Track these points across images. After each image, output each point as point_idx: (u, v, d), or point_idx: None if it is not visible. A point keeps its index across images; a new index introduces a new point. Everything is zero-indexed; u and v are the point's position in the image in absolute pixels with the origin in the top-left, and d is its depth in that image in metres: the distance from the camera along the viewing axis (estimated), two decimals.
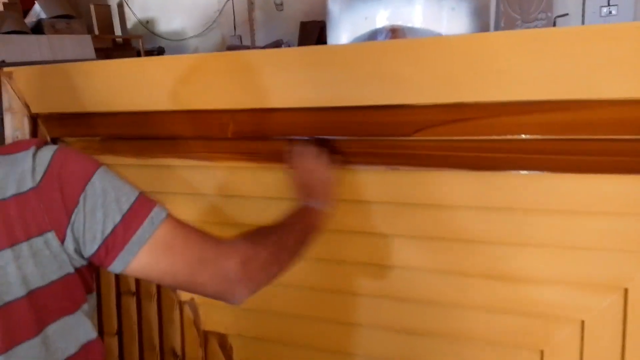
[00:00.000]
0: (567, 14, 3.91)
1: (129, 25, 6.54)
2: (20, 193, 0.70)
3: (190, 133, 1.18)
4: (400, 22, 1.02)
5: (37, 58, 3.69)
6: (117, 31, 6.18)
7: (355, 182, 1.07)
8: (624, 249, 0.91)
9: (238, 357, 1.33)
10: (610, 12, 4.01)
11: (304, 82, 1.03)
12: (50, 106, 1.28)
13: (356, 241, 1.13)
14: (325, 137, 1.04)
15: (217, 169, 1.20)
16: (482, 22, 1.07)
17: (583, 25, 3.53)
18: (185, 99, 1.13)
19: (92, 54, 4.29)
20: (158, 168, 1.25)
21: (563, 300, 0.98)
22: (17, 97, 1.28)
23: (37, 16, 4.21)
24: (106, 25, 5.85)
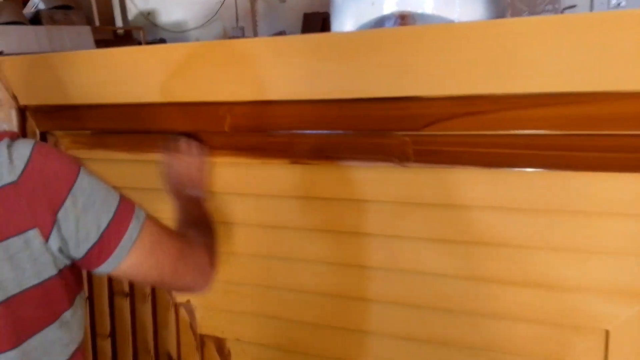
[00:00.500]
0: (575, 6, 3.81)
1: (130, 16, 6.49)
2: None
3: (185, 127, 1.12)
4: (409, 8, 0.96)
5: (35, 49, 3.63)
6: (118, 22, 6.12)
7: (361, 180, 1.00)
8: None
9: None
10: (619, 3, 3.92)
11: (306, 72, 0.96)
12: (39, 98, 1.21)
13: (360, 243, 1.06)
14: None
15: (213, 164, 1.13)
16: (498, 9, 1.00)
17: None
18: (179, 90, 1.07)
19: (91, 46, 4.23)
20: (151, 164, 1.18)
21: (586, 308, 0.92)
22: (5, 87, 1.22)
23: (36, 7, 4.15)
24: (107, 17, 5.80)
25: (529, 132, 0.85)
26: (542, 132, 0.84)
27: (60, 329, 0.74)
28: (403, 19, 0.97)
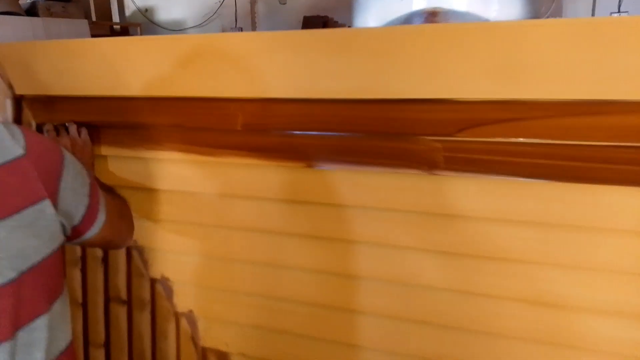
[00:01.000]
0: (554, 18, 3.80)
1: (127, 12, 6.40)
2: (12, 159, 0.67)
3: (193, 123, 1.04)
4: (441, 4, 0.89)
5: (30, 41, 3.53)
6: (115, 18, 6.03)
7: (385, 187, 0.93)
8: None
9: None
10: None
11: (327, 69, 0.90)
12: (37, 87, 1.13)
13: (375, 255, 0.99)
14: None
15: (221, 165, 1.06)
16: (534, 8, 0.94)
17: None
18: (188, 84, 1.00)
19: None
20: (153, 161, 1.11)
21: (615, 333, 0.86)
22: (0, 76, 1.14)
23: None
24: (104, 12, 5.70)
25: (575, 142, 0.79)
26: (589, 142, 0.78)
27: (50, 324, 0.73)
28: (434, 15, 0.90)
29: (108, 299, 1.23)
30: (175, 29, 6.32)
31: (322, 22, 5.51)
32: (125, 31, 5.96)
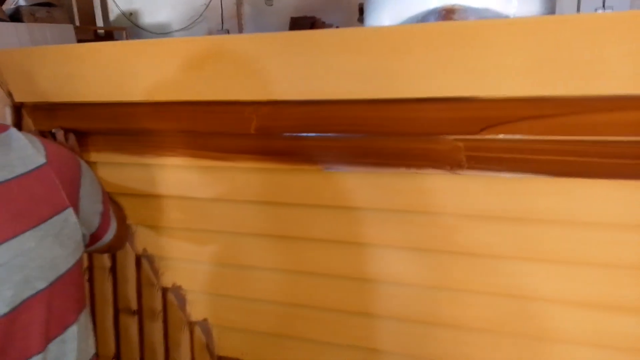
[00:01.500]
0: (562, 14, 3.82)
1: (111, 17, 6.32)
2: (36, 168, 0.66)
3: (204, 128, 1.02)
4: (460, 1, 0.87)
5: (16, 47, 3.45)
6: (99, 22, 5.94)
7: (408, 188, 0.91)
8: None
9: None
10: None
11: (343, 69, 0.87)
12: (37, 94, 1.10)
13: (395, 258, 0.97)
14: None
15: (233, 169, 1.03)
16: (552, 4, 0.93)
17: None
18: (199, 88, 0.97)
19: None
20: (163, 168, 1.08)
21: (602, 327, 0.86)
22: None
23: (16, 3, 3.96)
24: (88, 17, 5.62)
25: (602, 138, 0.78)
26: (617, 138, 0.77)
27: (79, 334, 0.73)
28: (451, 13, 0.89)
29: (117, 309, 1.20)
30: (161, 33, 6.25)
31: (309, 22, 5.48)
32: (110, 36, 5.88)
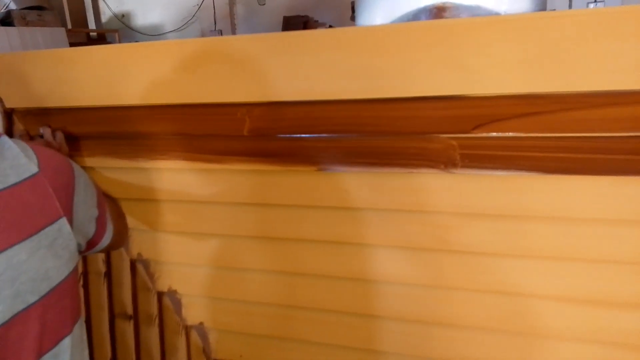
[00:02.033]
0: (553, 10, 3.83)
1: (103, 19, 6.29)
2: (28, 177, 0.64)
3: (197, 130, 1.01)
4: None
5: (7, 51, 3.43)
6: (92, 25, 5.91)
7: (400, 188, 0.91)
8: None
9: None
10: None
11: (336, 69, 0.87)
12: (28, 99, 1.09)
13: (391, 257, 0.97)
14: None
15: (228, 172, 1.03)
16: (543, 1, 0.93)
17: None
18: (192, 90, 0.96)
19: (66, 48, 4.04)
20: (156, 172, 1.07)
21: (599, 322, 0.87)
22: None
23: (6, 7, 3.94)
24: (79, 19, 5.58)
25: (595, 134, 0.78)
26: (609, 134, 0.77)
27: (82, 327, 0.74)
28: (443, 11, 0.89)
29: (113, 315, 1.19)
30: (154, 34, 6.23)
31: (302, 22, 5.47)
32: (102, 38, 5.85)
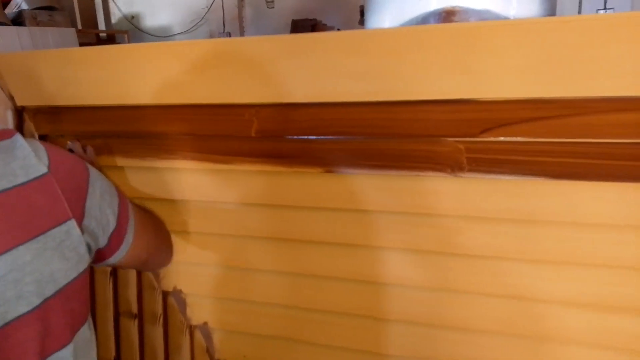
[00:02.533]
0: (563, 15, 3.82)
1: (113, 20, 6.34)
2: (37, 177, 0.64)
3: (206, 131, 1.02)
4: (460, 3, 0.87)
5: (18, 50, 3.46)
6: (101, 26, 5.96)
7: (407, 191, 0.91)
8: None
9: None
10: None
11: (344, 72, 0.87)
12: (39, 98, 1.10)
13: (399, 260, 0.97)
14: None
15: (236, 172, 1.03)
16: (552, 6, 0.93)
17: None
18: (201, 91, 0.97)
19: None
20: (164, 171, 1.08)
21: (603, 326, 0.86)
22: (0, 87, 1.10)
23: (18, 7, 3.97)
24: (90, 20, 5.64)
25: (604, 140, 0.77)
26: (619, 140, 0.77)
27: (90, 330, 0.73)
28: (453, 15, 0.89)
29: (118, 313, 1.20)
30: (163, 36, 6.27)
31: (310, 25, 5.49)
32: (112, 39, 5.90)
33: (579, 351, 0.91)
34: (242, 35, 5.92)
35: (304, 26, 5.56)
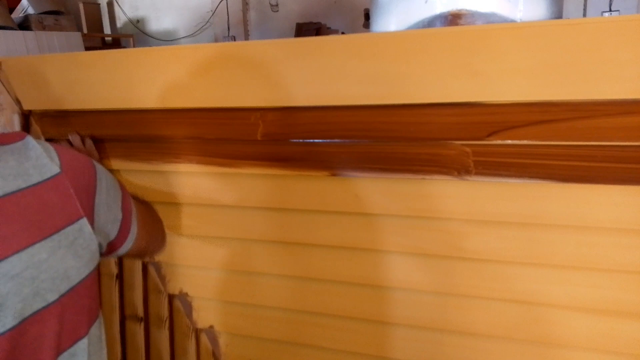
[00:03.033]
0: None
1: (118, 24, 6.37)
2: (51, 177, 0.65)
3: (212, 134, 1.02)
4: (466, 6, 0.87)
5: (24, 54, 3.48)
6: (107, 30, 5.99)
7: (416, 194, 0.91)
8: None
9: None
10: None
11: (350, 75, 0.87)
12: (45, 102, 1.10)
13: (404, 264, 0.96)
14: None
15: (241, 176, 1.03)
16: (559, 8, 0.93)
17: None
18: (206, 95, 0.97)
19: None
20: (170, 174, 1.08)
21: (607, 331, 0.85)
22: (7, 91, 1.11)
23: (25, 11, 4.00)
24: (95, 24, 5.66)
25: (610, 143, 0.77)
26: (626, 143, 0.76)
27: (101, 326, 0.75)
28: (459, 18, 0.89)
29: (124, 316, 1.20)
30: (168, 40, 6.29)
31: (314, 28, 5.50)
32: (117, 43, 5.93)
33: (585, 356, 0.90)
34: (246, 39, 5.93)
35: (308, 30, 5.57)
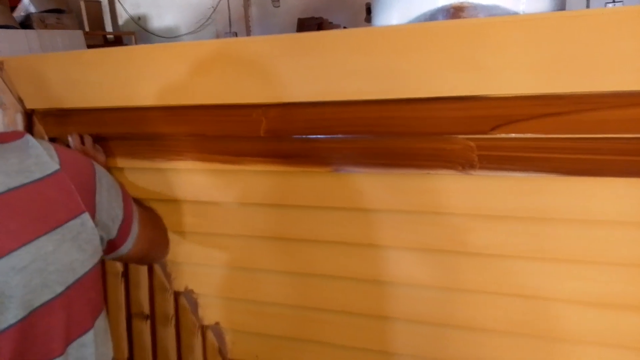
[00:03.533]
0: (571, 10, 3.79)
1: (120, 21, 6.38)
2: (51, 173, 0.67)
3: (214, 132, 1.01)
4: None
5: (26, 53, 3.49)
6: (109, 28, 5.99)
7: (419, 189, 0.90)
8: None
9: None
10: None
11: (352, 70, 0.87)
12: (48, 101, 1.10)
13: (407, 259, 0.96)
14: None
15: (243, 173, 1.03)
16: (560, 0, 0.92)
17: None
18: (208, 92, 0.97)
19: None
20: (173, 172, 1.08)
21: (610, 325, 0.85)
22: (9, 90, 1.11)
23: (26, 10, 4.00)
24: (97, 22, 5.66)
25: (615, 135, 0.76)
26: (631, 135, 0.76)
27: (106, 319, 0.76)
28: (461, 11, 0.88)
29: (130, 314, 1.20)
30: (170, 37, 6.29)
31: (316, 23, 5.48)
32: (119, 40, 5.93)
33: (590, 350, 0.90)
34: (248, 35, 5.92)
35: (309, 25, 5.55)
